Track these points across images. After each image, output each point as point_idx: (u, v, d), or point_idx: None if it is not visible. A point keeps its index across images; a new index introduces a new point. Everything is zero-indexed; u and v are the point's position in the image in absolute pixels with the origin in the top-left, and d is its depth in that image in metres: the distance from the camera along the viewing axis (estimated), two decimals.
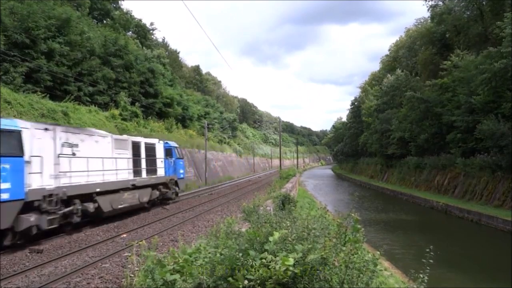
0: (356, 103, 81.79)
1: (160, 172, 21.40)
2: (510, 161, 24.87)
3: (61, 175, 13.42)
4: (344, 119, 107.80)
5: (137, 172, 18.73)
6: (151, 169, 20.33)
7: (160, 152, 21.65)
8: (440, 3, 43.57)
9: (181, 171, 25.05)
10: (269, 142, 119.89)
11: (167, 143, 23.53)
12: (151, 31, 62.52)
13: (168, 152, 23.11)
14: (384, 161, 54.95)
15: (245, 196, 27.45)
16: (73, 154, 14.08)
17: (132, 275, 6.87)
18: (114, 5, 50.39)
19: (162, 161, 21.77)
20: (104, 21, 46.41)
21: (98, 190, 15.23)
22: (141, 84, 37.39)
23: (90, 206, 14.85)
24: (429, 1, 44.30)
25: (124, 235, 14.10)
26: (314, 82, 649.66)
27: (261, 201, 13.51)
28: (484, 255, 17.64)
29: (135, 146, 18.87)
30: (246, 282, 3.47)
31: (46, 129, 13.15)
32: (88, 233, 14.65)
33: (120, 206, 16.89)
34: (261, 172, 75.01)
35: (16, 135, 11.53)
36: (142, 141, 19.83)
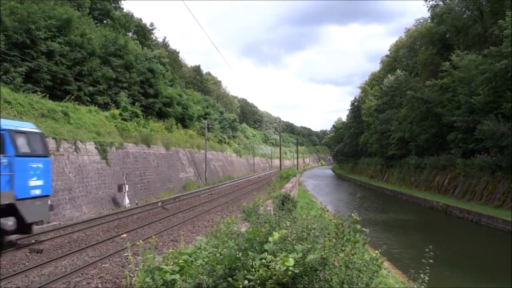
0: (356, 103, 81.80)
1: None
2: (510, 162, 24.85)
3: None
4: (344, 119, 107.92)
5: None
6: None
7: None
8: (441, 3, 43.56)
9: (37, 181, 12.48)
10: (269, 142, 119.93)
11: None
12: (151, 31, 62.56)
13: None
14: (384, 161, 54.95)
15: (245, 196, 27.45)
16: None
17: (132, 275, 6.87)
18: (114, 5, 50.41)
19: None
20: (104, 21, 46.43)
21: None
22: (141, 84, 37.42)
23: None
24: (429, 1, 44.32)
25: (124, 235, 14.11)
26: (314, 82, 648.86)
27: (261, 201, 13.51)
28: (484, 255, 17.63)
29: None
30: (246, 282, 3.47)
31: None
32: (88, 233, 14.66)
33: None
34: (261, 172, 75.00)
35: None
36: None
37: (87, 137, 22.99)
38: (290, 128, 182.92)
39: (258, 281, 3.46)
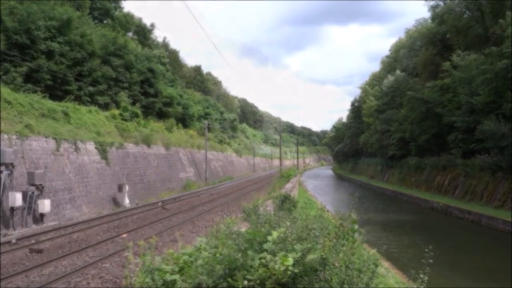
0: (356, 104, 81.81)
1: None
2: (510, 162, 24.84)
3: None
4: (345, 119, 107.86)
5: None
6: None
7: None
8: (441, 3, 43.49)
9: None
10: (270, 142, 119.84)
11: None
12: (151, 31, 62.46)
13: None
14: (384, 161, 54.94)
15: (245, 196, 27.42)
16: None
17: (132, 275, 6.86)
18: (114, 4, 50.33)
19: None
20: (104, 21, 46.38)
21: None
22: (141, 84, 37.40)
23: None
24: (430, 1, 44.25)
25: (124, 235, 14.11)
26: (314, 82, 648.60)
27: (261, 201, 13.50)
28: (484, 255, 17.63)
29: None
30: (245, 282, 3.47)
31: None
32: (88, 233, 14.65)
33: None
34: (262, 172, 74.96)
35: None
36: None
37: (87, 137, 22.99)
38: (290, 128, 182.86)
39: (258, 281, 3.46)
